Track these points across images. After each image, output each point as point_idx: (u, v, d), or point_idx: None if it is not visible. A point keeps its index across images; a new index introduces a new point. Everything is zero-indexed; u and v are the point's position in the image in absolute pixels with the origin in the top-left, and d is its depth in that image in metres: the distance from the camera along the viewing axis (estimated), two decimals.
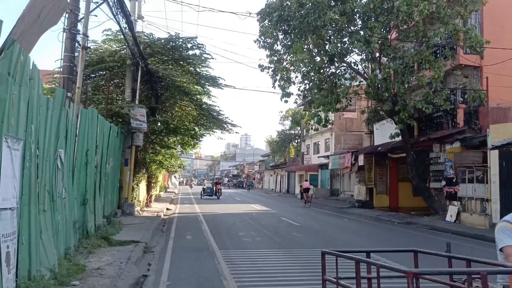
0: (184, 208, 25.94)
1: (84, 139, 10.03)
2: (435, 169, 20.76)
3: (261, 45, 20.95)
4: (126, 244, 10.22)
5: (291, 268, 8.50)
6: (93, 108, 12.22)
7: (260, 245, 11.52)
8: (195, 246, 11.22)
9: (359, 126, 33.94)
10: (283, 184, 55.92)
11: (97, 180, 11.71)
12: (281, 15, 19.37)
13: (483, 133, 17.12)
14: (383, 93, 19.45)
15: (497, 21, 19.66)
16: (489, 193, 15.56)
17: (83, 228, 10.06)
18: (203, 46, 20.08)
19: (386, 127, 23.93)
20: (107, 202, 13.80)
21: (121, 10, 12.90)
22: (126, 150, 17.39)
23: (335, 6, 18.42)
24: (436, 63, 17.88)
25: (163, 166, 28.47)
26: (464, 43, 17.82)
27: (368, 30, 18.25)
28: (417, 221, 18.40)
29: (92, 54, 17.82)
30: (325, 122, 21.76)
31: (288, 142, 59.37)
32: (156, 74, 18.80)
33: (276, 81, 21.48)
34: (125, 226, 13.24)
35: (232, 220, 18.17)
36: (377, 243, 12.64)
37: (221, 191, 39.24)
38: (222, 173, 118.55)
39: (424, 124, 22.69)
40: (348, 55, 20.44)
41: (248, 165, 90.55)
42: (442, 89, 18.90)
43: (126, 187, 17.24)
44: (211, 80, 21.31)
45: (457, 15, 17.85)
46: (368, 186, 27.22)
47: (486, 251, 11.36)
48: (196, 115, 23.58)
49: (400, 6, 17.17)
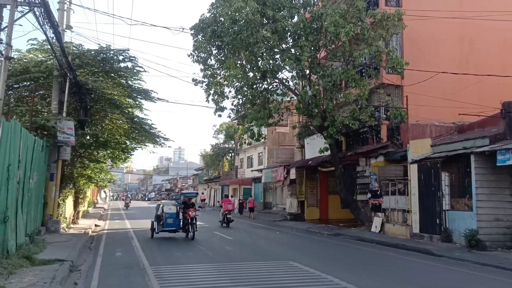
0: (113, 224, 25.11)
1: (6, 153, 9.54)
2: (361, 182, 21.76)
3: (195, 59, 21.04)
4: (51, 263, 9.76)
5: (222, 282, 8.57)
6: (16, 121, 11.63)
7: (192, 260, 11.48)
8: (125, 262, 10.95)
9: (291, 140, 34.87)
10: (217, 197, 55.82)
11: (19, 196, 11.12)
12: (215, 31, 19.62)
13: (404, 148, 18.24)
14: (313, 109, 20.18)
15: (415, 44, 21.19)
16: (409, 204, 16.59)
17: (3, 247, 9.49)
18: (135, 58, 19.75)
19: (316, 141, 24.81)
20: (30, 219, 13.11)
21: (48, 20, 12.45)
22: (51, 165, 16.65)
23: (267, 24, 18.99)
24: (361, 81, 18.93)
25: (92, 181, 27.44)
26: (386, 63, 19.04)
27: (299, 48, 18.96)
28: (345, 232, 19.15)
29: (16, 64, 16.93)
30: (258, 137, 22.18)
31: (222, 156, 59.52)
32: (86, 86, 18.20)
33: (210, 95, 21.64)
34: (49, 244, 12.62)
35: (164, 236, 17.87)
36: (307, 254, 13.02)
37: (196, 221, 17.07)
38: (155, 188, 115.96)
39: (351, 139, 23.79)
40: (279, 72, 21.09)
41: (181, 179, 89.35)
42: (367, 106, 19.98)
43: (51, 203, 16.46)
44: (143, 93, 20.96)
45: (380, 37, 19.01)
46: (299, 199, 27.89)
47: (403, 259, 12.12)
48: (127, 129, 23.03)
49: (328, 26, 18.04)
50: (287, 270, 9.80)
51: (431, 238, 15.23)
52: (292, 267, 10.25)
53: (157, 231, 16.58)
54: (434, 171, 15.42)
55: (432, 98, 19.25)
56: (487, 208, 13.54)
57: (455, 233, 14.37)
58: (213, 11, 20.41)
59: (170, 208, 16.83)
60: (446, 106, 19.20)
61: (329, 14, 18.03)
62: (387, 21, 18.67)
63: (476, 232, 13.36)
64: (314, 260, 11.42)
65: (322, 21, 19.16)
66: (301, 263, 10.69)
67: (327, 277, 8.93)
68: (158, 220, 16.86)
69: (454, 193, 14.84)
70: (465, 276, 9.81)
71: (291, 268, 10.12)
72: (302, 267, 10.23)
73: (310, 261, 11.04)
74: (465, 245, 13.60)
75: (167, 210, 16.72)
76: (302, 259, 11.29)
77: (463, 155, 14.26)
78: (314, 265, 10.41)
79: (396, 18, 18.61)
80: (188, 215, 16.50)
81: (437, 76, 18.98)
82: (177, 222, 16.74)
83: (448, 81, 19.89)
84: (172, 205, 17.16)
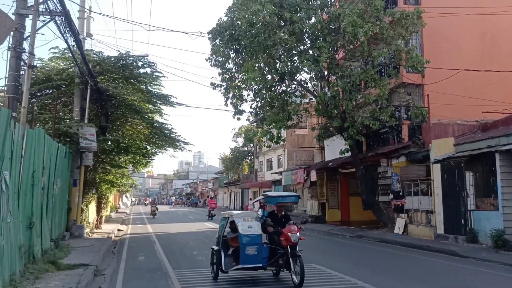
0: (136, 228, 25.36)
1: (30, 160, 9.72)
2: (383, 183, 21.50)
3: (213, 63, 21.13)
4: (75, 267, 9.90)
5: (245, 285, 8.54)
6: (39, 128, 11.86)
7: None
8: (148, 266, 11.03)
9: (310, 142, 34.67)
10: (237, 202, 55.86)
11: (44, 202, 11.32)
12: (232, 34, 19.67)
13: (426, 147, 17.97)
14: (332, 110, 20.05)
15: (435, 42, 20.85)
16: (433, 205, 16.31)
17: (29, 253, 9.67)
18: (154, 64, 19.95)
19: (336, 143, 24.61)
20: (55, 224, 13.33)
21: (69, 29, 12.68)
22: (75, 171, 16.90)
23: (285, 26, 18.94)
24: (381, 81, 18.71)
25: (114, 186, 27.79)
26: (406, 62, 18.77)
27: (317, 49, 18.86)
28: (368, 234, 18.94)
29: (38, 72, 17.29)
30: (277, 139, 22.11)
31: (242, 159, 59.56)
32: (106, 92, 18.48)
33: (229, 99, 21.69)
34: (74, 249, 12.81)
35: (185, 239, 17.97)
36: (329, 256, 12.91)
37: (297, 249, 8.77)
38: (175, 192, 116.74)
39: (372, 140, 23.53)
40: (298, 74, 21.00)
41: (201, 183, 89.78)
42: (387, 106, 19.75)
43: (75, 209, 16.70)
44: (162, 98, 21.17)
45: (399, 36, 18.78)
46: (320, 201, 27.71)
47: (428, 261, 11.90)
48: (147, 134, 23.29)
49: (346, 27, 17.90)
50: (310, 273, 9.72)
51: (456, 239, 14.94)
52: (315, 269, 10.15)
53: (225, 268, 8.83)
54: (458, 170, 15.14)
55: (454, 96, 18.89)
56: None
57: (481, 233, 14.06)
58: (230, 15, 20.48)
59: (251, 226, 8.82)
60: (469, 104, 18.83)
61: (347, 14, 17.90)
62: (406, 20, 18.42)
63: (502, 232, 13.05)
64: (337, 263, 11.31)
65: (340, 22, 19.03)
66: (324, 265, 10.61)
67: (351, 280, 8.84)
68: (224, 247, 9.23)
69: (479, 193, 14.53)
70: (492, 277, 9.58)
71: (315, 270, 10.02)
72: (325, 269, 10.15)
73: (333, 264, 10.94)
74: (491, 246, 13.29)
75: (245, 229, 8.75)
76: (325, 262, 11.19)
77: (488, 154, 13.96)
78: (337, 267, 10.31)
79: (415, 16, 18.36)
80: (286, 240, 8.59)
81: (458, 74, 18.63)
82: (263, 252, 8.80)
83: (470, 78, 19.50)
84: (253, 219, 9.04)
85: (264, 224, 9.16)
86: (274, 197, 10.05)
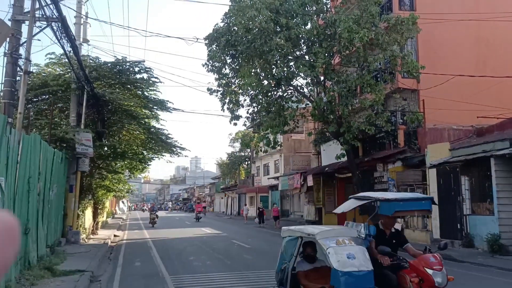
0: (132, 234, 25.29)
1: (26, 166, 9.70)
2: (379, 188, 21.50)
3: (210, 68, 21.16)
4: (71, 274, 9.87)
5: None
6: (35, 134, 11.85)
7: (211, 269, 11.48)
8: (145, 272, 11.01)
9: (307, 147, 34.70)
10: (234, 207, 55.80)
11: (40, 208, 11.30)
12: (229, 40, 19.72)
13: (422, 152, 18.03)
14: (328, 115, 20.09)
15: (431, 48, 20.96)
16: None
17: (24, 259, 9.63)
18: (150, 69, 19.99)
19: (332, 148, 24.65)
20: (51, 230, 13.29)
21: (65, 35, 12.70)
22: (71, 176, 16.87)
23: (281, 32, 19.01)
24: (376, 86, 18.79)
25: (110, 191, 27.73)
26: (401, 68, 18.87)
27: (313, 55, 18.95)
28: None
29: (35, 78, 17.28)
30: (274, 144, 22.13)
31: (238, 164, 59.56)
32: (103, 97, 18.48)
33: (225, 104, 21.71)
34: (70, 255, 12.77)
35: (182, 245, 17.94)
36: None
37: None
38: (172, 197, 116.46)
39: (368, 145, 23.58)
40: (294, 79, 21.06)
41: (198, 188, 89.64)
42: (383, 111, 19.82)
43: (71, 215, 16.65)
44: (159, 103, 21.19)
45: (394, 42, 18.88)
46: (317, 206, 27.71)
47: None
48: (144, 139, 23.28)
49: (341, 33, 17.99)
50: None
51: (452, 244, 14.97)
52: None
53: None
54: (454, 175, 15.20)
55: (450, 101, 18.98)
56: (509, 212, 13.29)
57: (477, 238, 14.11)
58: (227, 21, 20.54)
59: (353, 256, 5.07)
60: (464, 109, 18.91)
61: (343, 20, 17.98)
62: (401, 26, 18.53)
63: (498, 237, 13.10)
64: None
65: (336, 27, 19.11)
66: None
67: None
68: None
69: (475, 198, 14.59)
70: (488, 282, 9.61)
71: None
72: None
73: None
74: (487, 250, 13.34)
75: (344, 261, 5.00)
76: None
77: (483, 159, 14.04)
78: None
79: (410, 22, 18.46)
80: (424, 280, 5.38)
81: (454, 79, 18.73)
82: None
83: (465, 83, 19.60)
84: (352, 242, 5.35)
85: (368, 249, 5.47)
86: (391, 202, 6.02)
